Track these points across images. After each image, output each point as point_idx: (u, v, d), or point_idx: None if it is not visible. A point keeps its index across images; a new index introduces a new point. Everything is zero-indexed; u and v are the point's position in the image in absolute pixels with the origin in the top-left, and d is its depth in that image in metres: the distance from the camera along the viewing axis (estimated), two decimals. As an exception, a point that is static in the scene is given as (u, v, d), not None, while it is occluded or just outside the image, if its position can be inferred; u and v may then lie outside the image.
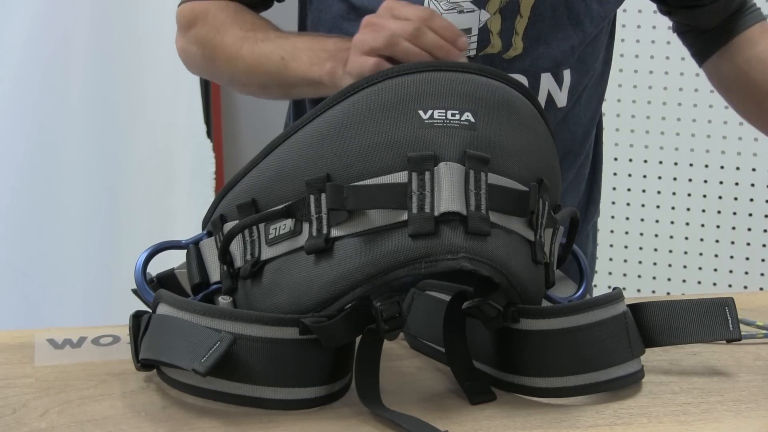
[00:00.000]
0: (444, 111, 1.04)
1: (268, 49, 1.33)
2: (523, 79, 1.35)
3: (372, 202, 1.01)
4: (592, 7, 1.39)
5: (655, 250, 2.74)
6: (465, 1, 1.32)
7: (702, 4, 1.51)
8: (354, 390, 1.04)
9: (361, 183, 1.02)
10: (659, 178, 2.71)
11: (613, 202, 2.74)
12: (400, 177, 1.01)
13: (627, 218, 2.74)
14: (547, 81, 1.38)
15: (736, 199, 2.67)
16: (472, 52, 1.33)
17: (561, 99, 1.40)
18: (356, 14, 1.34)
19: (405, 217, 1.00)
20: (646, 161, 2.71)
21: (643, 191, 2.72)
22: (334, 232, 1.02)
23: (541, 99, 1.37)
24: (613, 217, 2.75)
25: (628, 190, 2.73)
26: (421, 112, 1.04)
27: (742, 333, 1.12)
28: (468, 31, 1.32)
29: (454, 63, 1.09)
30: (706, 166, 2.68)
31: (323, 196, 1.02)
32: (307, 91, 1.33)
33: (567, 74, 1.39)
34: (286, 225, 1.05)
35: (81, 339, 1.20)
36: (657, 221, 2.73)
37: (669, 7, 1.54)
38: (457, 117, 1.04)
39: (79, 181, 2.56)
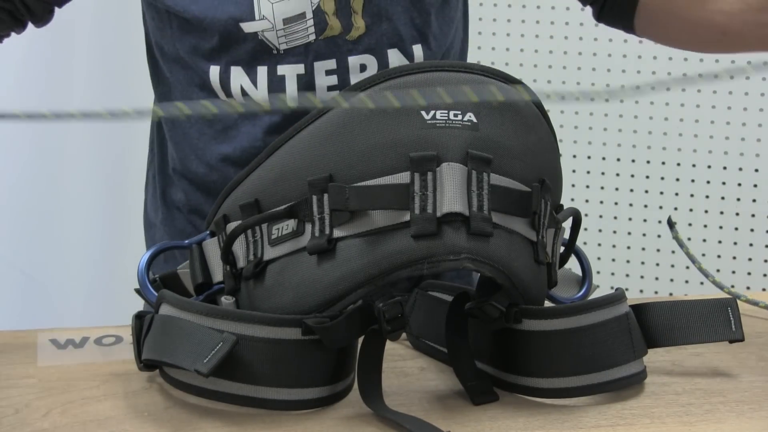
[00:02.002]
0: (446, 111, 1.04)
1: None
2: (370, 59, 1.33)
3: (374, 202, 1.01)
4: None
5: (658, 250, 2.74)
6: None
7: None
8: (357, 390, 1.04)
9: (363, 183, 1.02)
10: (662, 178, 2.71)
11: (616, 203, 2.74)
12: (403, 177, 1.01)
13: (629, 219, 2.74)
14: (395, 56, 1.35)
15: (738, 200, 2.67)
16: (312, 37, 1.31)
17: None
18: (191, 26, 1.32)
19: (407, 217, 1.00)
20: (648, 162, 2.71)
21: (646, 192, 2.72)
22: (337, 233, 1.02)
23: None
24: (615, 217, 2.75)
25: (631, 190, 2.73)
26: (423, 113, 1.04)
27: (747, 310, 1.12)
28: (302, 15, 1.30)
29: (457, 63, 1.08)
30: (709, 167, 2.68)
31: (326, 196, 1.02)
32: None
33: (418, 49, 1.36)
34: (289, 225, 1.05)
35: (83, 339, 1.20)
36: (659, 222, 2.73)
37: None
38: (460, 117, 1.04)
39: (81, 180, 2.56)
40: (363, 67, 1.33)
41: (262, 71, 1.32)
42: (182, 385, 1.04)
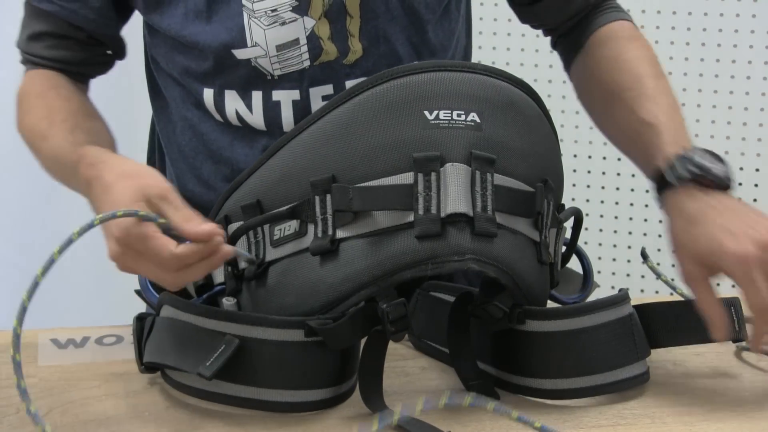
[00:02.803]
0: (449, 111, 1.04)
1: (53, 152, 1.27)
2: None
3: (378, 203, 1.01)
4: None
5: (659, 250, 2.73)
6: (285, 12, 1.25)
7: None
8: (357, 391, 1.04)
9: (366, 184, 1.01)
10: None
11: (617, 203, 2.74)
12: (406, 178, 1.01)
13: (630, 218, 2.74)
14: None
15: (739, 199, 2.67)
16: (306, 63, 1.27)
17: None
18: (184, 47, 1.30)
19: (411, 218, 1.00)
20: (649, 161, 2.71)
21: (647, 191, 2.72)
22: (340, 234, 1.02)
23: None
24: (616, 217, 2.74)
25: (632, 190, 2.73)
26: (426, 113, 1.03)
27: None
28: (295, 42, 1.26)
29: (460, 63, 1.08)
30: (710, 166, 2.67)
31: (328, 197, 1.02)
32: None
33: None
34: (291, 226, 1.05)
35: (84, 339, 1.20)
36: (660, 221, 2.72)
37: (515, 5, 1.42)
38: (463, 117, 1.04)
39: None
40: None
41: (257, 96, 1.29)
42: (184, 388, 1.04)
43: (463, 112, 1.04)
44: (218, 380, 1.00)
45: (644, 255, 1.25)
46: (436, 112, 1.03)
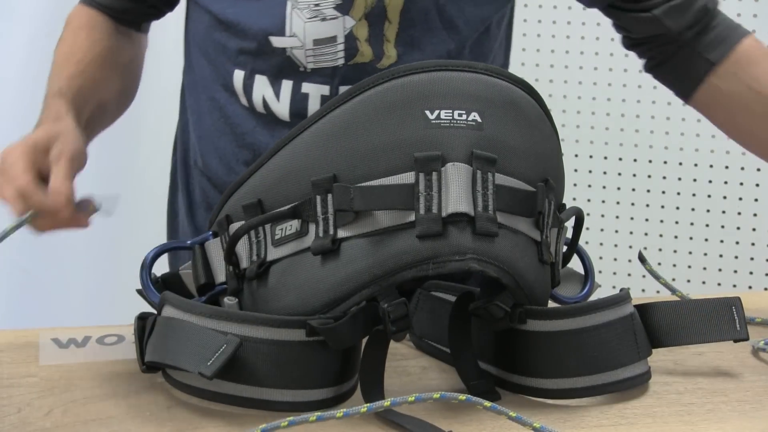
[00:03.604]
0: (451, 111, 1.04)
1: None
2: None
3: (379, 202, 1.01)
4: (465, 10, 1.34)
5: (660, 250, 2.74)
6: (327, 8, 1.28)
7: (656, 1, 1.39)
8: (358, 390, 1.04)
9: (367, 184, 1.01)
10: (664, 178, 2.71)
11: (618, 202, 2.74)
12: (407, 177, 1.01)
13: (631, 218, 2.74)
14: None
15: (740, 199, 2.67)
16: (341, 61, 1.30)
17: None
18: (224, 26, 1.34)
19: (412, 217, 1.00)
20: (650, 161, 2.71)
21: (648, 191, 2.72)
22: (341, 233, 1.02)
23: None
24: (617, 217, 2.74)
25: (633, 190, 2.73)
26: (427, 112, 1.04)
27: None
28: (333, 39, 1.29)
29: (461, 62, 1.08)
30: (711, 166, 2.67)
31: (330, 196, 1.02)
32: None
33: None
34: (293, 226, 1.05)
35: (86, 338, 1.20)
36: (661, 221, 2.73)
37: (620, 12, 1.42)
38: (464, 117, 1.04)
39: (83, 180, 2.55)
40: None
41: (286, 85, 1.32)
42: (185, 387, 1.04)
43: (464, 112, 1.04)
44: (219, 380, 1.00)
45: (642, 258, 1.25)
46: (437, 112, 1.03)
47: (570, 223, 1.17)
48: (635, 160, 2.72)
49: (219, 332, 1.00)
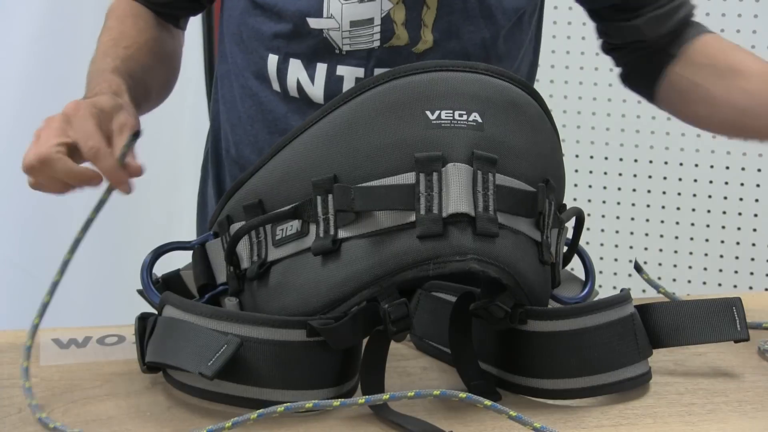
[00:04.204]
0: (451, 111, 1.04)
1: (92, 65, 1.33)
2: None
3: (379, 203, 1.01)
4: (503, 0, 1.35)
5: (660, 250, 2.74)
6: None
7: (640, 11, 1.42)
8: (359, 391, 1.04)
9: (368, 184, 1.01)
10: (665, 178, 2.71)
11: (618, 203, 2.74)
12: (408, 178, 1.01)
13: (632, 218, 2.74)
14: None
15: (741, 199, 2.67)
16: (376, 43, 1.31)
17: None
18: (260, 10, 1.35)
19: (413, 218, 1.00)
20: (651, 161, 2.71)
21: (648, 191, 2.72)
22: (342, 234, 1.02)
23: None
24: (618, 217, 2.74)
25: (633, 190, 2.73)
26: (428, 113, 1.04)
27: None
28: (370, 21, 1.30)
29: (461, 63, 1.08)
30: (711, 166, 2.68)
31: (330, 197, 1.02)
32: None
33: None
34: (293, 226, 1.05)
35: (86, 339, 1.20)
36: (662, 221, 2.73)
37: (604, 19, 1.45)
38: (465, 117, 1.04)
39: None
40: None
41: (321, 68, 1.33)
42: (186, 388, 1.04)
43: (464, 112, 1.04)
44: (220, 380, 1.00)
45: (638, 268, 1.25)
46: (437, 112, 1.03)
47: (570, 224, 1.18)
48: (636, 161, 2.72)
49: (220, 332, 1.00)
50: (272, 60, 1.35)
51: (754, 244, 2.69)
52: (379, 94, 1.05)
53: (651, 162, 2.71)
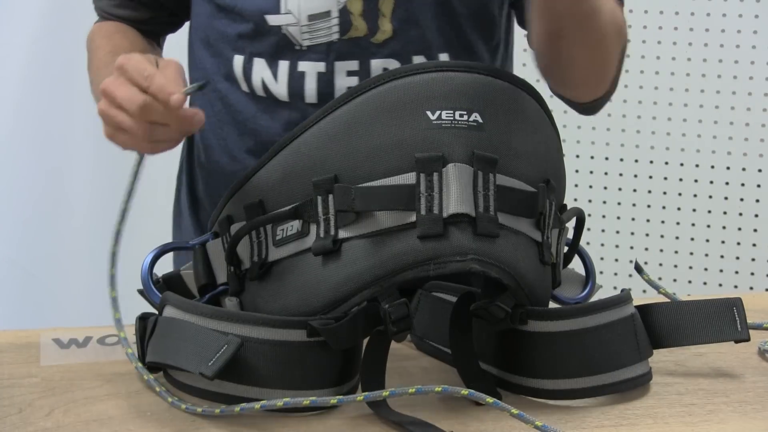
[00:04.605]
0: (452, 111, 1.04)
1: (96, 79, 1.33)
2: (394, 63, 1.32)
3: (380, 203, 1.01)
4: None
5: (661, 251, 2.74)
6: None
7: None
8: (360, 392, 1.04)
9: (368, 184, 1.01)
10: (665, 178, 2.71)
11: (619, 203, 2.74)
12: (408, 178, 1.01)
13: (632, 219, 2.74)
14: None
15: (741, 200, 2.67)
16: (335, 36, 1.31)
17: None
18: (224, 12, 1.35)
19: (413, 218, 1.00)
20: (652, 162, 2.71)
21: (649, 192, 2.72)
22: (342, 234, 1.02)
23: None
24: (618, 217, 2.74)
25: (634, 190, 2.73)
26: (428, 113, 1.04)
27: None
28: (327, 14, 1.30)
29: (462, 63, 1.08)
30: (712, 167, 2.67)
31: (331, 197, 1.02)
32: None
33: (445, 57, 1.34)
34: (294, 226, 1.05)
35: (87, 339, 1.20)
36: (663, 222, 2.72)
37: None
38: (465, 118, 1.04)
39: (85, 180, 2.56)
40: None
41: (283, 65, 1.33)
42: (187, 388, 1.04)
43: (465, 112, 1.04)
44: (220, 380, 1.00)
45: (639, 269, 1.25)
46: (438, 112, 1.03)
47: (571, 224, 1.18)
48: (636, 161, 2.72)
49: (220, 333, 1.00)
50: (238, 61, 1.35)
51: (754, 245, 2.69)
52: (379, 94, 1.05)
53: (651, 162, 2.71)
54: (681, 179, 2.70)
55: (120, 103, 1.09)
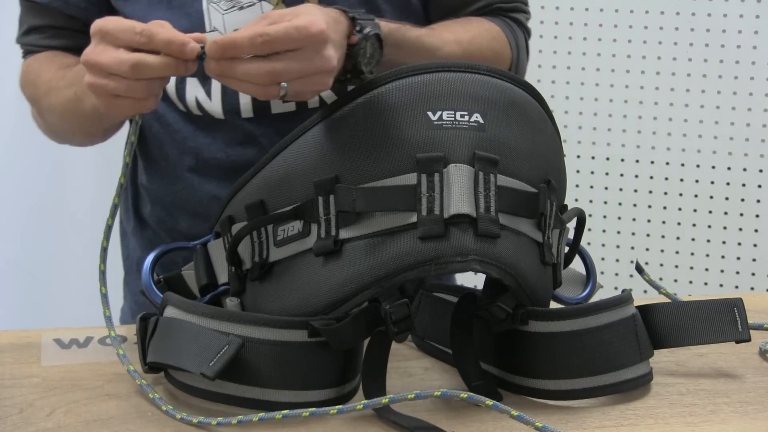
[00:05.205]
0: (453, 112, 1.04)
1: (64, 87, 1.29)
2: None
3: (381, 204, 1.01)
4: None
5: (662, 251, 2.74)
6: None
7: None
8: (361, 391, 1.04)
9: (369, 185, 1.01)
10: (666, 179, 2.71)
11: (620, 203, 2.74)
12: (409, 179, 1.01)
13: (633, 219, 2.74)
14: None
15: (742, 200, 2.67)
16: None
17: None
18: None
19: (414, 219, 1.00)
20: (652, 162, 2.71)
21: (650, 192, 2.72)
22: (343, 234, 1.02)
23: None
24: (619, 218, 2.74)
25: (635, 191, 2.73)
26: (429, 113, 1.04)
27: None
28: None
29: (463, 63, 1.08)
30: (713, 167, 2.68)
31: (332, 197, 1.02)
32: (111, 118, 1.27)
33: None
34: (295, 226, 1.05)
35: (88, 339, 1.20)
36: (663, 222, 2.72)
37: None
38: (466, 118, 1.04)
39: (86, 181, 2.56)
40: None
41: (216, 83, 1.31)
42: (188, 388, 1.04)
43: (466, 113, 1.04)
44: (221, 380, 1.00)
45: (639, 269, 1.25)
46: (439, 113, 1.03)
47: (572, 224, 1.18)
48: (637, 161, 2.72)
49: (221, 333, 1.00)
50: (171, 81, 1.32)
51: (755, 245, 2.69)
52: (380, 95, 1.05)
53: (652, 162, 2.71)
54: (682, 179, 2.70)
55: (108, 69, 1.05)
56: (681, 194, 2.71)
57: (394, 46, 1.19)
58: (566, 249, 1.18)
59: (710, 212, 2.70)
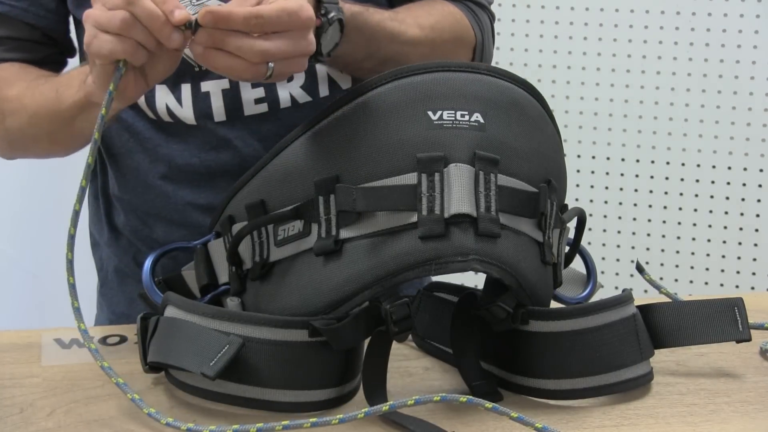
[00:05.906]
0: (453, 112, 1.04)
1: (46, 89, 1.28)
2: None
3: (381, 203, 1.01)
4: None
5: (662, 251, 2.74)
6: (211, 1, 1.25)
7: None
8: (361, 391, 1.04)
9: (370, 184, 1.02)
10: (666, 179, 2.71)
11: (620, 203, 2.74)
12: (410, 178, 1.01)
13: (634, 219, 2.74)
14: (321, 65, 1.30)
15: (743, 200, 2.67)
16: None
17: (347, 78, 1.34)
18: None
19: (415, 218, 1.00)
20: (653, 162, 2.71)
21: (651, 192, 2.72)
22: (344, 234, 1.02)
23: (323, 80, 1.32)
24: (620, 217, 2.74)
25: (635, 190, 2.73)
26: (430, 113, 1.04)
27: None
28: None
29: (464, 63, 1.08)
30: (714, 167, 2.68)
31: (332, 197, 1.02)
32: (86, 119, 1.23)
33: None
34: (295, 226, 1.05)
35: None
36: (664, 222, 2.73)
37: None
38: (467, 118, 1.04)
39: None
40: (290, 77, 1.29)
41: (186, 89, 1.29)
42: (188, 388, 1.04)
43: (466, 113, 1.04)
44: (222, 380, 1.00)
45: (640, 269, 1.25)
46: (439, 113, 1.03)
47: (572, 224, 1.18)
48: (638, 161, 2.72)
49: (222, 333, 1.00)
50: None
51: (756, 245, 2.69)
52: (381, 95, 1.05)
53: (653, 162, 2.71)
54: (682, 179, 2.70)
55: (103, 26, 1.03)
56: (681, 194, 2.71)
57: (356, 30, 1.18)
58: (567, 249, 1.18)
59: (711, 212, 2.70)
